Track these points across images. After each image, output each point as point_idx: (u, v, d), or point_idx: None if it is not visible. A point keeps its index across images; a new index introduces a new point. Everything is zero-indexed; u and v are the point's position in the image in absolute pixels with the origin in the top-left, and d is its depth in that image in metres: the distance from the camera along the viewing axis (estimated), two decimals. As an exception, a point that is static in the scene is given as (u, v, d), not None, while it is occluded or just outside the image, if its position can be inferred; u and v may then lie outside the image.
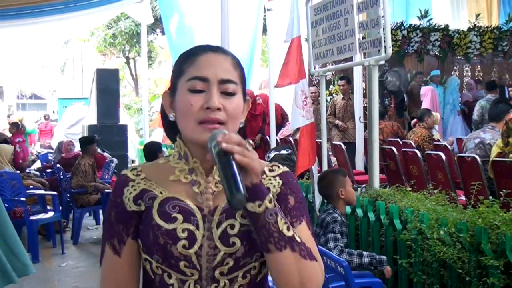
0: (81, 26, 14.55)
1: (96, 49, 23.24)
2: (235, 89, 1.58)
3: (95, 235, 9.01)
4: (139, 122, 18.86)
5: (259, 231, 1.47)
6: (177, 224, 1.54)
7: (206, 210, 1.58)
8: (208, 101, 1.53)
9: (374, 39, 5.44)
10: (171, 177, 1.63)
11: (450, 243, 4.15)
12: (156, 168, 1.68)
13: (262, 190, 1.47)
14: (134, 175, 1.64)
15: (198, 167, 1.63)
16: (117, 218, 1.61)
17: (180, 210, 1.57)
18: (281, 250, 1.46)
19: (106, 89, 13.33)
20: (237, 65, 1.63)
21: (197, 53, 1.60)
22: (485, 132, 6.25)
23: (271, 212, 1.46)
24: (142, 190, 1.61)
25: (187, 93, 1.56)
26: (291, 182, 1.66)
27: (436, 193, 5.22)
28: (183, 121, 1.58)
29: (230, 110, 1.56)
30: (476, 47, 13.25)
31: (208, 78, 1.55)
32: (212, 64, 1.57)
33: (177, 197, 1.59)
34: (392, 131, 9.11)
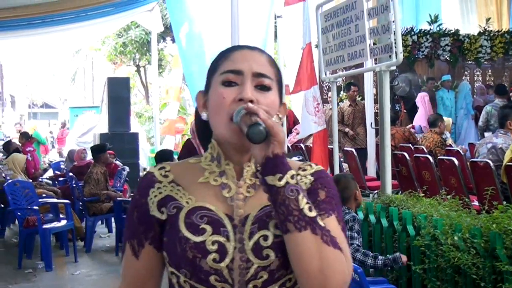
0: (92, 35, 14.66)
1: (107, 57, 23.35)
2: (270, 84, 1.51)
3: (107, 243, 9.03)
4: (150, 130, 18.91)
5: (278, 208, 1.37)
6: (206, 236, 1.44)
7: (237, 219, 1.48)
8: (241, 92, 1.47)
9: (385, 44, 5.44)
10: (200, 179, 1.54)
11: (464, 249, 4.13)
12: (186, 168, 1.59)
13: (284, 163, 1.39)
14: (162, 176, 1.55)
15: (230, 170, 1.54)
16: (139, 219, 1.53)
17: (209, 220, 1.47)
18: (300, 231, 1.35)
19: (117, 98, 13.39)
20: (273, 63, 1.56)
21: (232, 50, 1.56)
22: (498, 137, 6.22)
23: (291, 188, 1.36)
24: (167, 197, 1.52)
25: (219, 87, 1.50)
26: (323, 178, 1.56)
27: (449, 198, 5.20)
28: (215, 116, 1.51)
29: (264, 105, 1.46)
30: (486, 51, 13.21)
31: (242, 70, 1.49)
32: (246, 58, 1.52)
33: (205, 205, 1.49)
34: (404, 137, 9.09)
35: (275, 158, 1.37)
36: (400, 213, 5.07)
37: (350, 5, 5.85)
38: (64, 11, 10.72)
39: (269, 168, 1.37)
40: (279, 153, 1.38)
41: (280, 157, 1.38)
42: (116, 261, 7.98)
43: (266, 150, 1.38)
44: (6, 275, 7.30)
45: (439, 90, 12.80)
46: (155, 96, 14.66)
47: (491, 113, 10.50)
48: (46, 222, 7.83)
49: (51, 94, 42.56)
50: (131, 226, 1.55)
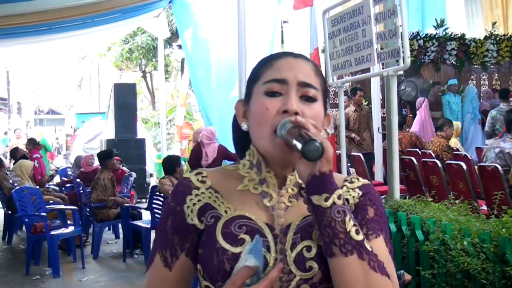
0: (99, 41, 14.70)
1: (113, 64, 23.43)
2: (315, 95, 1.43)
3: (115, 249, 9.03)
4: (157, 136, 18.95)
5: (323, 230, 1.29)
6: (245, 247, 1.36)
7: (278, 228, 1.41)
8: (285, 103, 1.39)
9: (392, 49, 5.42)
10: (239, 186, 1.47)
11: (473, 253, 4.11)
12: (223, 174, 1.52)
13: (331, 182, 1.31)
14: (199, 182, 1.48)
15: (271, 177, 1.46)
16: (174, 228, 1.44)
17: (248, 230, 1.39)
18: (346, 255, 1.27)
19: (123, 104, 13.44)
20: (318, 72, 1.48)
21: (275, 57, 1.48)
22: (505, 142, 6.21)
23: (338, 209, 1.29)
24: (206, 205, 1.44)
25: (262, 97, 1.42)
26: (372, 194, 1.49)
27: (458, 203, 5.18)
28: (257, 128, 1.43)
29: (309, 117, 1.38)
30: (493, 55, 13.20)
31: (287, 79, 1.41)
32: (291, 67, 1.44)
33: (244, 214, 1.42)
34: (411, 142, 9.07)
35: (322, 177, 1.30)
36: (409, 218, 5.05)
37: (357, 10, 5.84)
38: (71, 17, 10.74)
39: (315, 187, 1.30)
40: (327, 172, 1.31)
41: (328, 175, 1.31)
42: (124, 268, 8.00)
43: (312, 167, 1.30)
44: (14, 282, 7.31)
45: (445, 95, 12.78)
46: (161, 102, 14.68)
47: (496, 117, 10.49)
48: (54, 229, 7.84)
49: (57, 100, 42.70)
50: (163, 235, 1.46)
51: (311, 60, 1.50)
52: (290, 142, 1.30)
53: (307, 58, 1.50)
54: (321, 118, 1.44)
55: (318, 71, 1.48)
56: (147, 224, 8.20)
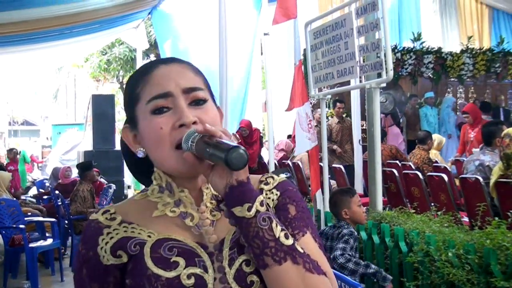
0: (77, 52, 14.62)
1: (90, 75, 23.30)
2: (204, 96, 1.35)
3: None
4: (134, 148, 18.81)
5: (252, 242, 1.22)
6: (179, 270, 1.26)
7: (211, 246, 1.32)
8: (179, 117, 1.29)
9: (375, 62, 5.47)
10: (155, 212, 1.35)
11: (458, 265, 4.14)
12: (133, 205, 1.39)
13: (251, 189, 1.23)
14: (108, 219, 1.34)
15: (186, 196, 1.36)
16: (90, 275, 1.30)
17: (179, 251, 1.29)
18: (280, 263, 1.21)
19: (101, 115, 13.35)
20: (197, 71, 1.39)
21: (148, 71, 1.36)
22: (485, 154, 6.27)
23: (263, 216, 1.22)
24: (122, 239, 1.30)
25: (151, 117, 1.31)
26: (290, 190, 1.42)
27: (440, 214, 5.22)
28: (155, 150, 1.32)
29: (208, 121, 1.30)
30: (469, 69, 13.38)
31: (171, 92, 1.31)
32: (169, 76, 1.33)
33: (171, 236, 1.31)
34: (391, 154, 9.13)
35: (240, 186, 1.22)
36: (392, 229, 5.07)
37: (340, 22, 5.88)
38: (49, 28, 10.68)
39: (235, 198, 1.22)
40: (244, 180, 1.23)
41: (246, 184, 1.23)
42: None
43: (228, 177, 1.22)
44: (-8, 295, 7.20)
45: (422, 107, 12.91)
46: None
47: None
48: (32, 241, 7.73)
49: (32, 111, 42.31)
50: (81, 286, 1.33)
51: (184, 61, 1.40)
52: (203, 154, 1.22)
53: (180, 60, 1.40)
54: (218, 117, 1.37)
55: (196, 69, 1.39)
56: (127, 236, 8.12)
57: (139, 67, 1.45)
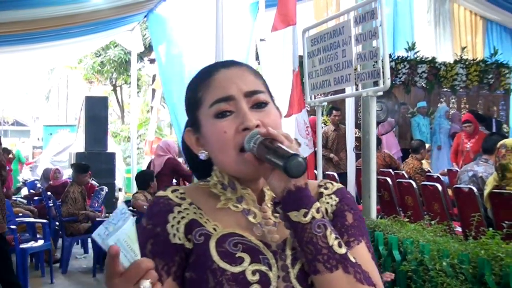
0: (72, 53, 14.55)
1: (83, 76, 23.25)
2: (266, 99, 1.36)
3: (84, 264, 8.91)
4: (126, 150, 18.80)
5: (305, 247, 1.23)
6: (244, 266, 1.26)
7: (274, 245, 1.32)
8: (242, 121, 1.31)
9: (372, 70, 5.49)
10: (219, 204, 1.37)
11: (452, 274, 4.15)
12: (198, 191, 1.41)
13: (308, 196, 1.25)
14: (179, 198, 1.36)
15: (249, 194, 1.37)
16: (156, 251, 1.27)
17: (244, 248, 1.30)
18: (331, 271, 1.22)
19: (94, 117, 13.32)
20: (256, 73, 1.42)
21: (209, 75, 1.39)
22: (479, 165, 6.30)
23: (318, 223, 1.23)
24: (192, 221, 1.32)
25: (214, 121, 1.33)
26: (348, 198, 1.44)
27: (434, 224, 5.23)
28: (219, 154, 1.35)
29: (271, 124, 1.32)
30: (462, 79, 13.45)
31: (233, 95, 1.33)
32: (230, 80, 1.35)
33: (235, 232, 1.32)
34: (384, 163, 9.16)
35: (298, 191, 1.24)
36: (386, 238, 5.08)
37: (338, 30, 5.90)
38: (45, 29, 10.64)
39: (291, 203, 1.24)
40: (302, 185, 1.24)
41: (304, 189, 1.25)
42: (93, 283, 7.89)
43: (287, 182, 1.24)
44: (-19, 296, 7.15)
45: (415, 117, 12.95)
46: (133, 116, 14.58)
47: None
48: (23, 242, 7.69)
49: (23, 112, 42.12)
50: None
51: (243, 63, 1.43)
52: (263, 157, 1.23)
53: (239, 63, 1.43)
54: (279, 119, 1.39)
55: (255, 71, 1.42)
56: (119, 239, 8.09)
57: (200, 70, 1.46)
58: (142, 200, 7.64)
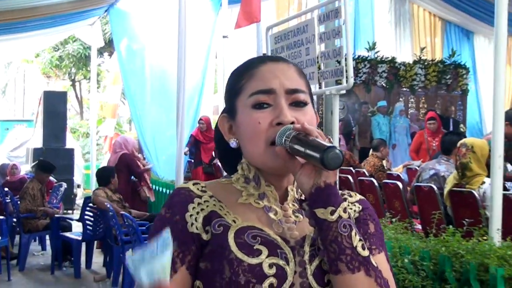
0: (29, 47, 14.30)
1: (41, 71, 22.85)
2: (305, 98, 1.35)
3: (42, 261, 8.75)
4: (85, 146, 18.57)
5: (329, 246, 1.23)
6: (262, 258, 1.26)
7: (293, 241, 1.32)
8: (278, 115, 1.31)
9: (336, 68, 5.51)
10: (240, 199, 1.37)
11: (413, 271, 4.20)
12: (220, 186, 1.41)
13: (337, 194, 1.25)
14: (200, 191, 1.36)
15: (271, 191, 1.37)
16: (173, 238, 1.22)
17: (263, 241, 1.29)
18: (353, 272, 1.22)
19: (53, 112, 13.13)
20: (302, 73, 1.41)
21: (255, 66, 1.39)
22: (440, 164, 6.32)
23: (344, 223, 1.23)
24: (212, 212, 1.33)
25: (251, 111, 1.33)
26: (370, 209, 1.45)
27: (394, 221, 5.29)
28: (250, 144, 1.34)
29: (306, 123, 1.29)
30: (421, 79, 13.62)
31: (274, 89, 1.33)
32: (275, 74, 1.35)
33: (254, 225, 1.32)
34: (345, 160, 9.21)
35: (327, 189, 1.23)
36: (348, 235, 5.11)
37: (302, 28, 5.90)
38: (1, 22, 10.42)
39: (319, 200, 1.23)
40: (332, 183, 1.24)
41: (333, 187, 1.24)
42: (52, 280, 7.77)
43: (316, 178, 1.23)
44: None
45: (375, 116, 13.08)
46: (92, 112, 14.40)
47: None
48: (-21, 239, 7.54)
49: (-23, 106, 41.17)
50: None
51: (290, 61, 1.43)
52: (297, 150, 1.23)
53: (287, 60, 1.43)
54: (315, 121, 1.37)
55: (301, 71, 1.42)
56: (78, 236, 8.01)
57: (246, 60, 1.45)
58: (102, 197, 7.55)
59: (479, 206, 5.12)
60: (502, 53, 4.37)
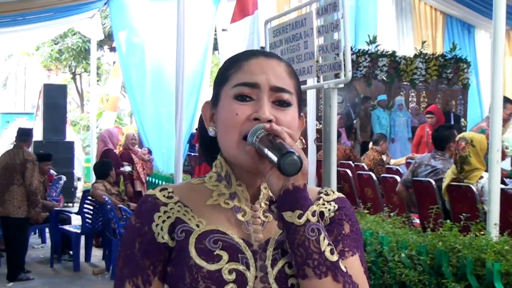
0: (29, 40, 14.23)
1: (41, 64, 22.83)
2: (289, 99, 1.33)
3: (41, 254, 8.78)
4: (85, 139, 18.56)
5: (296, 250, 1.21)
6: (222, 264, 1.25)
7: (256, 244, 1.30)
8: (257, 110, 1.29)
9: (334, 62, 5.49)
10: (209, 201, 1.35)
11: (410, 265, 4.20)
12: (189, 189, 1.39)
13: (305, 197, 1.23)
14: (166, 197, 1.34)
15: (242, 191, 1.35)
16: (144, 251, 1.29)
17: (224, 245, 1.28)
18: (320, 277, 1.20)
19: (53, 105, 13.12)
20: (292, 73, 1.38)
21: (246, 58, 1.37)
22: (436, 160, 6.21)
23: (312, 227, 1.21)
24: (177, 219, 1.31)
25: (232, 102, 1.31)
26: (348, 208, 1.40)
27: (393, 216, 5.29)
28: (225, 135, 1.32)
29: (284, 124, 1.29)
30: (421, 73, 13.57)
31: (259, 84, 1.31)
32: (263, 69, 1.33)
33: (218, 229, 1.30)
34: (345, 155, 9.20)
35: (295, 192, 1.22)
36: (345, 229, 5.10)
37: (300, 21, 5.88)
38: (1, 14, 10.40)
39: (287, 203, 1.21)
40: (301, 186, 1.22)
41: (302, 190, 1.22)
42: (51, 273, 7.80)
43: (285, 180, 1.21)
44: None
45: (375, 109, 13.05)
46: (93, 105, 14.39)
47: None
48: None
49: (-22, 99, 41.18)
50: (132, 261, 1.31)
51: (283, 59, 1.40)
52: (262, 152, 1.21)
53: (280, 57, 1.40)
54: (296, 124, 1.35)
55: (292, 71, 1.38)
56: (77, 229, 8.03)
57: (241, 51, 1.44)
58: (101, 190, 7.56)
59: (477, 200, 5.11)
60: (501, 47, 4.36)
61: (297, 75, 1.41)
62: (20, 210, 7.35)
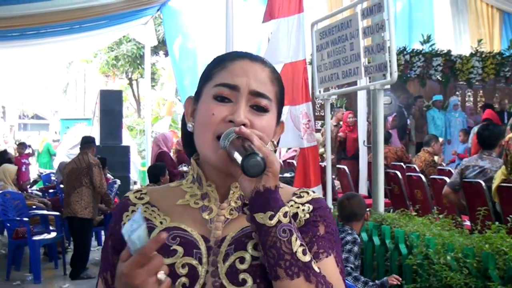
0: (85, 47, 14.66)
1: (99, 70, 23.37)
2: (267, 105, 1.34)
3: (96, 256, 8.95)
4: (141, 144, 18.88)
5: (268, 251, 1.21)
6: (176, 258, 1.29)
7: (213, 240, 1.33)
8: (233, 113, 1.31)
9: (380, 63, 5.45)
10: (179, 201, 1.39)
11: (456, 268, 4.13)
12: (164, 191, 1.44)
13: (277, 199, 1.23)
14: (137, 198, 1.41)
15: (212, 191, 1.38)
16: (114, 248, 1.36)
17: (182, 241, 1.31)
18: (292, 278, 1.20)
19: (109, 110, 13.37)
20: (276, 80, 1.39)
21: (231, 58, 1.38)
22: (483, 160, 6.04)
23: (284, 228, 1.21)
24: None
25: (211, 101, 1.33)
26: (323, 209, 1.39)
27: (442, 218, 5.21)
28: (200, 132, 1.35)
29: (258, 128, 1.31)
30: (478, 72, 13.28)
31: (238, 86, 1.33)
32: (245, 73, 1.34)
33: (180, 226, 1.34)
34: (396, 156, 9.10)
35: (266, 193, 1.22)
36: (392, 231, 5.06)
37: (346, 23, 5.87)
38: (58, 22, 10.70)
39: (258, 204, 1.22)
40: (272, 187, 1.23)
41: (273, 192, 1.23)
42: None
43: (256, 182, 1.22)
44: (-6, 287, 7.24)
45: (430, 110, 12.86)
46: (147, 110, 14.64)
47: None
48: (36, 234, 7.78)
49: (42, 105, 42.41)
50: (105, 257, 1.39)
51: (269, 65, 1.40)
52: (231, 155, 1.23)
53: (265, 62, 1.40)
54: (271, 130, 1.37)
55: (275, 77, 1.39)
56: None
57: (229, 52, 1.49)
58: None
59: (529, 202, 4.99)
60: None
61: (281, 82, 1.42)
62: (86, 211, 7.64)
